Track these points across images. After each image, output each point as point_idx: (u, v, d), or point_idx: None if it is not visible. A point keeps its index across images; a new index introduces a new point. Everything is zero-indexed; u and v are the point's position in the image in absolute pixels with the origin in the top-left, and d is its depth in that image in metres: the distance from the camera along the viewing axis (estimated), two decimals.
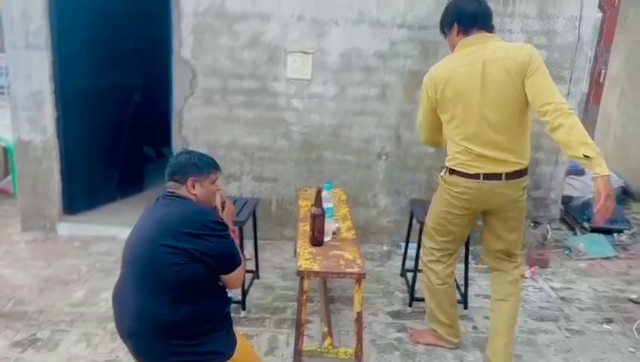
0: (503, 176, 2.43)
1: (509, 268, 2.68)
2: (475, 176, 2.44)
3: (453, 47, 2.53)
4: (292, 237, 4.01)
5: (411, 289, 3.34)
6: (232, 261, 1.99)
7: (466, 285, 3.37)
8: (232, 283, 2.04)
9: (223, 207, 2.21)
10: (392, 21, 3.95)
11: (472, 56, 2.39)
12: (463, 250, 3.34)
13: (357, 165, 4.21)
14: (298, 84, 4.06)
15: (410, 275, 3.41)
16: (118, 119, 4.61)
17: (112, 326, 2.39)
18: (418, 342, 2.94)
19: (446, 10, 2.56)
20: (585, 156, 2.07)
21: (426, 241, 2.80)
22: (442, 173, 2.62)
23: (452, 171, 2.52)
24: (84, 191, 4.39)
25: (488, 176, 2.42)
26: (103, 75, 4.32)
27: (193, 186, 2.03)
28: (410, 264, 3.56)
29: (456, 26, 2.48)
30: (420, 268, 2.97)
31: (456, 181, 2.50)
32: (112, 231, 4.18)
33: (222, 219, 2.04)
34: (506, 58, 2.33)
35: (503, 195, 2.48)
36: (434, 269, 2.75)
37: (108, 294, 2.23)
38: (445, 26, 2.55)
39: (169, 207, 1.97)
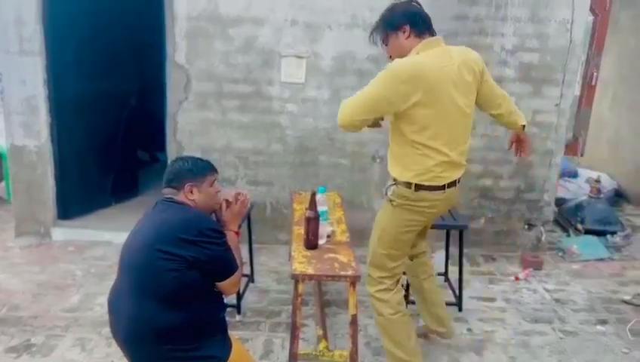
0: (457, 181, 2.43)
1: (423, 245, 2.81)
2: (442, 188, 2.36)
3: (399, 50, 2.34)
4: (287, 240, 4.01)
5: (406, 292, 3.34)
6: (227, 268, 1.99)
7: (461, 287, 3.38)
8: (228, 290, 2.05)
9: (228, 205, 2.17)
10: None
11: (445, 57, 2.26)
12: (456, 251, 3.37)
13: (351, 168, 4.22)
14: (292, 88, 4.07)
15: (404, 278, 3.41)
16: (112, 124, 4.60)
17: (107, 331, 2.39)
18: None
19: (391, 12, 2.37)
20: (522, 126, 2.63)
21: (374, 272, 2.55)
22: (398, 192, 2.38)
23: (418, 187, 2.33)
24: (78, 196, 4.38)
25: (450, 185, 2.39)
26: (98, 79, 4.32)
27: (191, 192, 2.03)
28: None
29: (408, 28, 2.30)
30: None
31: (424, 196, 2.35)
32: (107, 236, 4.18)
33: (219, 226, 2.04)
34: (470, 60, 2.34)
35: (454, 201, 2.55)
36: (384, 299, 2.52)
37: (103, 299, 2.23)
38: (391, 27, 2.35)
39: (166, 212, 1.97)
